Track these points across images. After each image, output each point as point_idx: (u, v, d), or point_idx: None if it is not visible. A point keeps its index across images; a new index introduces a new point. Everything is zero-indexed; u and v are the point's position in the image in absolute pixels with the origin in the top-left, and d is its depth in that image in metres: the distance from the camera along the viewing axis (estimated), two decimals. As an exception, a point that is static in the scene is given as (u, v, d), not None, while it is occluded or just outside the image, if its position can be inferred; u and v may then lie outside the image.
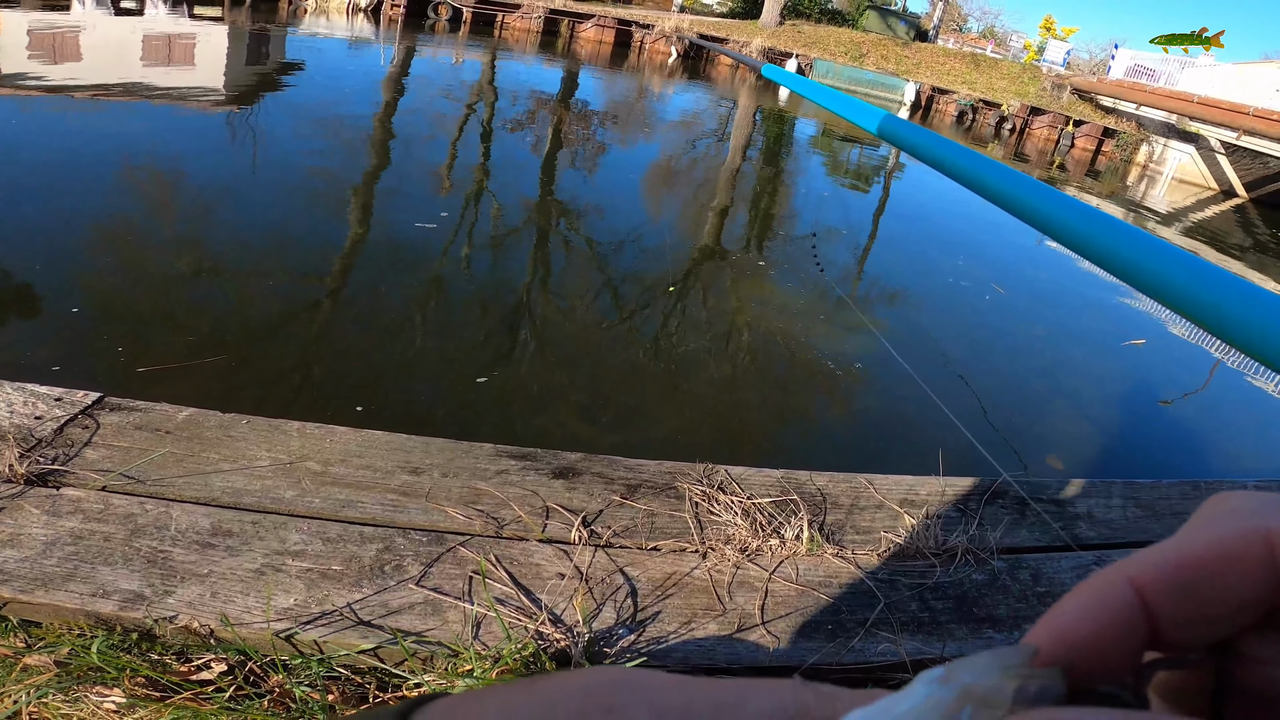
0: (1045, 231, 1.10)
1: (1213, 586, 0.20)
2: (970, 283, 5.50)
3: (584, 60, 16.97)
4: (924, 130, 1.57)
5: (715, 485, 1.58)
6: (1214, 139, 15.24)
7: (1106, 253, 0.94)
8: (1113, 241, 0.95)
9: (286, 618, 1.13)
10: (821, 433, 3.24)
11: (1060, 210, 1.06)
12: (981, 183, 1.25)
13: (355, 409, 2.65)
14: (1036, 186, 1.18)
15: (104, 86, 6.49)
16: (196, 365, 2.71)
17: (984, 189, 1.24)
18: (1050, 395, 3.94)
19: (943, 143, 1.49)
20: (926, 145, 1.53)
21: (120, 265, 3.46)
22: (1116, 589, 0.21)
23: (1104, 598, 0.21)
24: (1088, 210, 1.04)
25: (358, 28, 15.11)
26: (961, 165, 1.37)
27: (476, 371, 3.05)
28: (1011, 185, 1.20)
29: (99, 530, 1.24)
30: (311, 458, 1.48)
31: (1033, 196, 1.15)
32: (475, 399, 2.88)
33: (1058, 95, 19.85)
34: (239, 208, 4.36)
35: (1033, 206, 1.14)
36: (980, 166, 1.29)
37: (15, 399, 1.54)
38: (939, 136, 1.53)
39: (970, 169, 1.30)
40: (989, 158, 1.30)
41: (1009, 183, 1.20)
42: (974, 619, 1.38)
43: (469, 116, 8.44)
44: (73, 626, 1.13)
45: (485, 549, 1.32)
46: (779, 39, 21.20)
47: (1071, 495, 1.85)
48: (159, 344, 2.83)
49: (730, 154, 9.68)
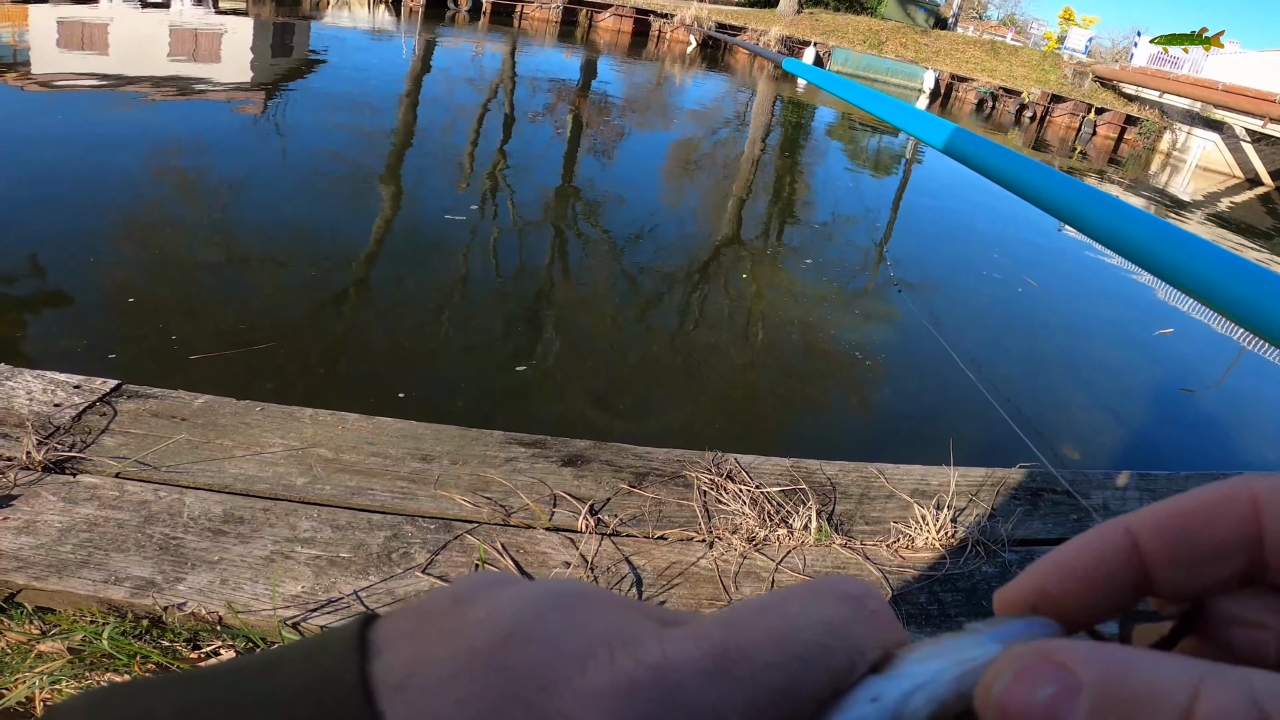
0: (1092, 236, 1.07)
1: (1199, 533, 0.21)
2: (1002, 275, 5.46)
3: (603, 50, 16.93)
4: (960, 129, 1.54)
5: (724, 474, 1.58)
6: (1239, 127, 14.99)
7: (1167, 263, 0.92)
8: (1174, 251, 0.93)
9: (294, 605, 1.14)
10: (850, 421, 3.23)
11: (1111, 215, 1.03)
12: (1020, 183, 1.22)
13: (397, 395, 2.70)
14: (1078, 187, 1.14)
15: (134, 80, 6.55)
16: (247, 352, 2.76)
17: (1022, 189, 1.21)
18: (1069, 386, 3.90)
19: (978, 141, 1.46)
20: (960, 145, 1.50)
21: (168, 256, 3.50)
22: (1113, 531, 0.22)
23: (1101, 537, 0.22)
24: (1144, 216, 1.02)
25: (379, 19, 15.14)
26: (1000, 166, 1.34)
27: (515, 360, 3.09)
28: (1052, 185, 1.17)
29: (113, 517, 1.25)
30: (323, 445, 1.49)
31: (1077, 197, 1.12)
32: (511, 385, 2.92)
33: (1079, 83, 19.58)
34: (274, 200, 4.39)
35: (1077, 208, 1.11)
36: (1019, 167, 1.26)
37: (35, 386, 1.56)
38: (974, 135, 1.50)
39: (1008, 169, 1.28)
40: (1025, 156, 1.27)
41: (1051, 183, 1.17)
42: (984, 612, 1.38)
43: (493, 106, 8.45)
44: (85, 613, 1.15)
45: (492, 537, 1.32)
46: (797, 27, 21.04)
47: (1085, 487, 1.84)
48: (210, 331, 2.88)
49: (749, 143, 9.64)
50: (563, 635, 0.19)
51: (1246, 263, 0.89)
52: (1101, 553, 0.22)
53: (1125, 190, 11.73)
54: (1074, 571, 0.22)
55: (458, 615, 0.20)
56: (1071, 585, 0.22)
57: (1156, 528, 0.22)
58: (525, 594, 0.20)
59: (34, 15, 8.91)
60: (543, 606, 0.20)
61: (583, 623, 0.19)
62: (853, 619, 0.21)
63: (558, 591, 0.21)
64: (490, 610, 0.20)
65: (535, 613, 0.19)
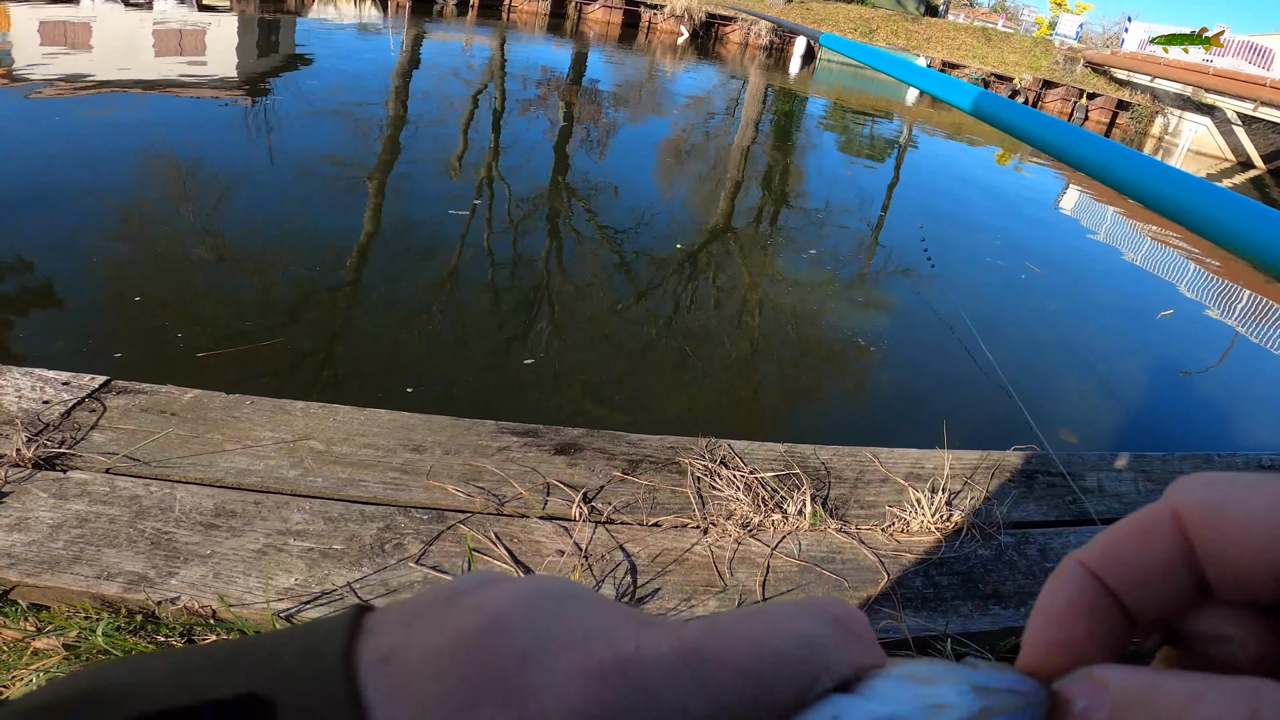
0: (1129, 194, 1.06)
1: (1138, 557, 0.23)
2: (1006, 262, 5.46)
3: (593, 41, 16.86)
4: (985, 92, 1.55)
5: (718, 460, 1.58)
6: (1230, 110, 15.00)
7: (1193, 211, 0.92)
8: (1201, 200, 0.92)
9: (287, 597, 1.13)
10: (846, 406, 3.23)
11: (1145, 172, 1.03)
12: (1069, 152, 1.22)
13: (406, 390, 2.70)
14: (1120, 150, 1.14)
15: (119, 80, 6.51)
16: (255, 349, 2.75)
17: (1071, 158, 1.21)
18: (1067, 370, 3.91)
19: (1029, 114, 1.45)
20: (988, 108, 1.50)
21: (164, 255, 3.49)
22: (1072, 573, 0.23)
23: (1066, 585, 0.23)
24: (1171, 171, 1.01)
25: (365, 14, 15.05)
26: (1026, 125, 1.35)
27: (523, 354, 3.10)
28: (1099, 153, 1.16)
29: (104, 513, 1.25)
30: (315, 437, 1.49)
31: (1117, 161, 1.11)
32: (520, 378, 2.93)
33: (1070, 69, 19.58)
34: (266, 197, 4.38)
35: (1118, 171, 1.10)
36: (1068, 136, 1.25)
37: (24, 384, 1.55)
38: (1025, 108, 1.50)
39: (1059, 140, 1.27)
40: (1075, 127, 1.27)
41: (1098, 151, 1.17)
42: (979, 595, 1.38)
43: (483, 100, 8.41)
44: (79, 609, 1.15)
45: (485, 526, 1.32)
46: (787, 16, 20.97)
47: (1080, 468, 1.84)
48: (215, 329, 2.87)
49: (740, 130, 9.62)
50: (545, 626, 0.20)
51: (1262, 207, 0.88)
52: (1070, 595, 0.23)
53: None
54: (1057, 619, 0.23)
55: (450, 606, 0.21)
56: (1059, 634, 0.23)
57: (1104, 559, 0.23)
58: (516, 589, 0.21)
59: (15, 16, 8.84)
60: (531, 601, 0.21)
61: (566, 617, 0.20)
62: (831, 636, 0.21)
63: (548, 589, 0.21)
64: (480, 601, 0.21)
65: (523, 605, 0.20)
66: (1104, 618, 0.23)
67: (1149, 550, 0.23)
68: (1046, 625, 0.23)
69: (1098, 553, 0.23)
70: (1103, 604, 0.23)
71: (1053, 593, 0.23)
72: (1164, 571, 0.23)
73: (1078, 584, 0.23)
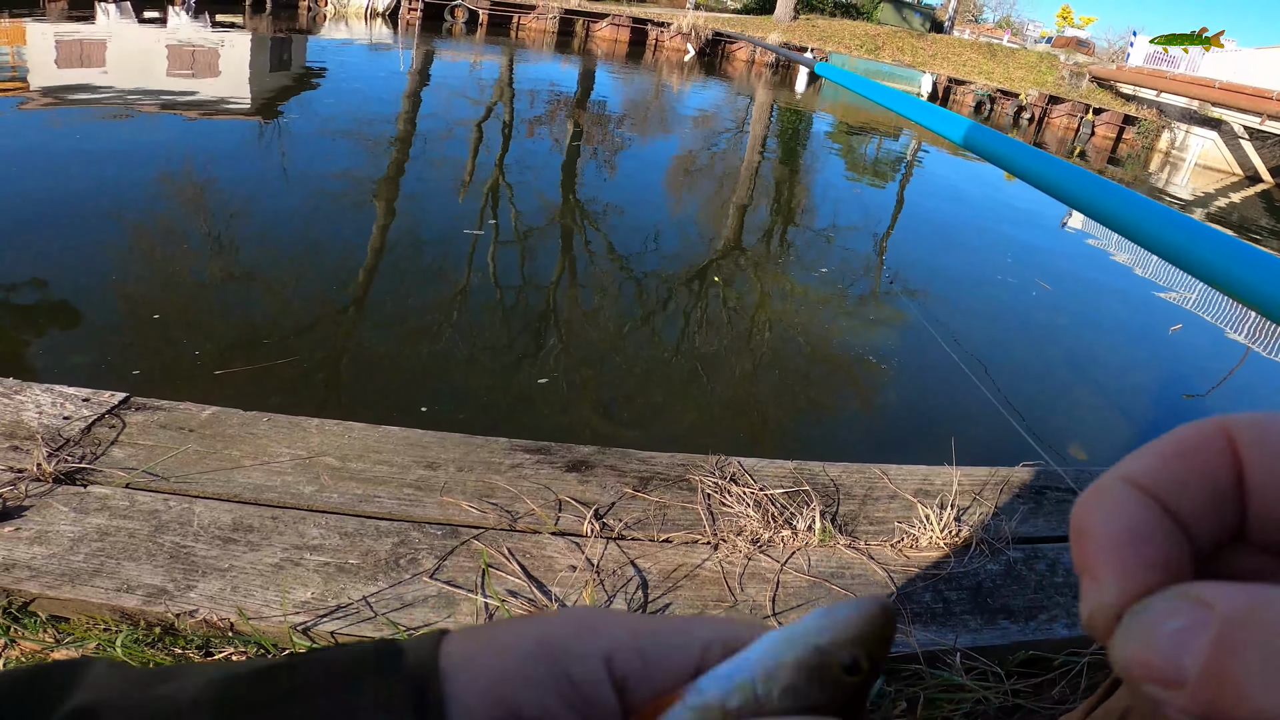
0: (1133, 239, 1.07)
1: (1193, 482, 0.20)
2: (1016, 279, 5.47)
3: (601, 59, 16.99)
4: (1006, 138, 1.54)
5: (728, 477, 1.59)
6: (1237, 124, 15.01)
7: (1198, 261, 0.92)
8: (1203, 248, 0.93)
9: (304, 611, 1.15)
10: (856, 424, 3.23)
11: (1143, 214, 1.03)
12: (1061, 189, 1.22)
13: (420, 409, 2.72)
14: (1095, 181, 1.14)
15: (135, 98, 6.59)
16: (271, 367, 2.78)
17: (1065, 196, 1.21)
18: (1077, 387, 3.91)
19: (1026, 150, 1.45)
20: (1008, 154, 1.50)
21: (180, 273, 3.53)
22: (1124, 494, 0.21)
23: (1121, 506, 0.21)
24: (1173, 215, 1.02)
25: (376, 32, 15.21)
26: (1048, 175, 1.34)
27: (535, 372, 3.12)
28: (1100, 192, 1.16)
29: (124, 527, 1.27)
30: (330, 453, 1.51)
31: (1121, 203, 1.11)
32: (533, 396, 2.95)
33: (1076, 84, 19.63)
34: (279, 215, 4.43)
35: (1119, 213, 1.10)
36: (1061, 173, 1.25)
37: (44, 400, 1.58)
38: (1021, 144, 1.50)
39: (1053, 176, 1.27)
40: (1070, 164, 1.27)
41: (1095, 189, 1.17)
42: (989, 610, 1.38)
43: (493, 118, 8.49)
44: (99, 621, 1.16)
45: (499, 542, 1.33)
46: (794, 34, 21.11)
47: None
48: (232, 346, 2.91)
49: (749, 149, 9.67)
50: (584, 617, 0.28)
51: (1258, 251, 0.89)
52: (1130, 518, 0.21)
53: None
54: (1124, 541, 0.20)
55: (516, 620, 0.29)
56: (1129, 560, 0.20)
57: (1158, 479, 0.21)
58: (564, 610, 0.31)
59: (32, 33, 8.96)
60: (574, 611, 0.29)
61: (598, 614, 0.28)
62: (741, 624, 0.28)
63: (588, 608, 0.30)
64: (539, 614, 0.31)
65: (568, 611, 0.29)
66: (1171, 541, 0.20)
67: (1203, 471, 0.20)
68: (1113, 548, 0.20)
69: (1147, 471, 0.21)
70: (1165, 526, 0.20)
71: (1107, 516, 0.21)
72: (1216, 497, 0.20)
73: (1136, 504, 0.20)
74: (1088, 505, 0.21)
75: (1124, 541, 0.20)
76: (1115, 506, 0.21)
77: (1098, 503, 0.21)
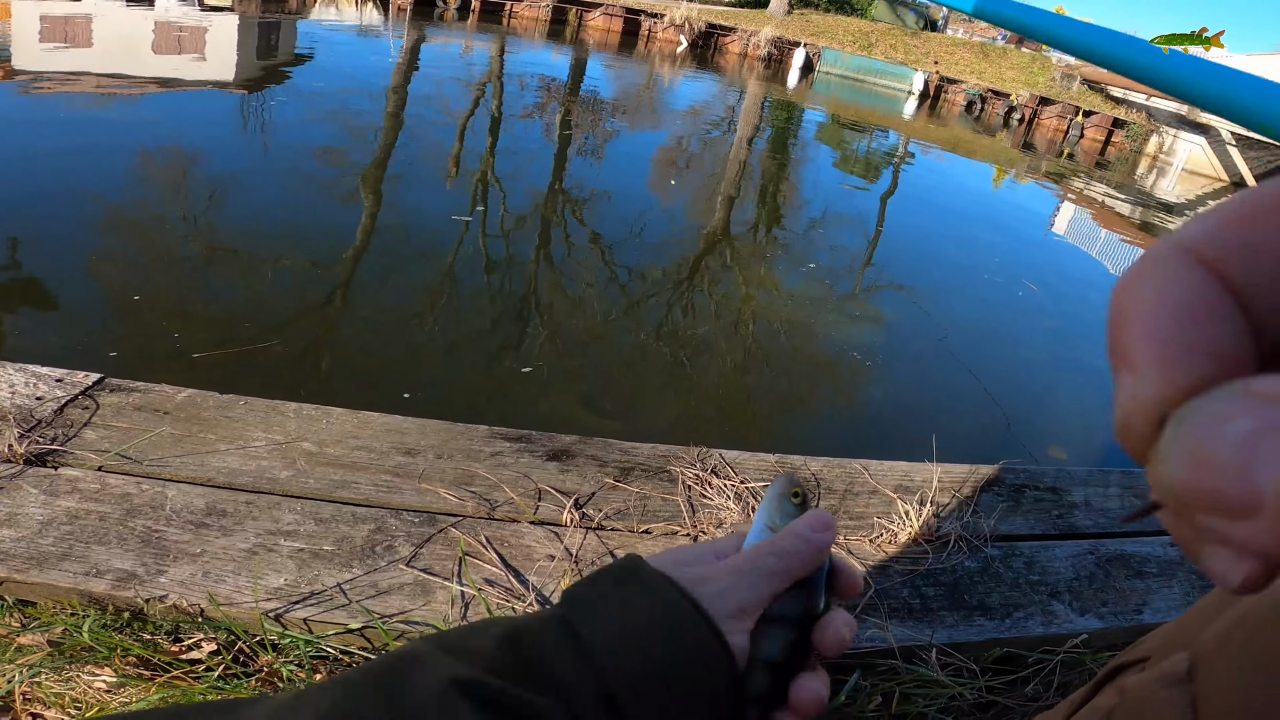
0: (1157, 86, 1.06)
1: (1259, 247, 0.16)
2: (1003, 279, 5.49)
3: (593, 49, 16.91)
4: None
5: (709, 469, 1.59)
6: (1225, 130, 15.11)
7: None
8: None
9: (276, 597, 1.14)
10: (838, 420, 3.24)
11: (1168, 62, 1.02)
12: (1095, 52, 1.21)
13: (403, 396, 2.70)
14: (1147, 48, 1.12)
15: (119, 78, 6.50)
16: (251, 351, 2.75)
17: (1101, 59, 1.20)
18: (1060, 385, 3.93)
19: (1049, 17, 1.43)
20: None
21: (160, 255, 3.49)
22: (1180, 264, 0.17)
23: (1177, 279, 0.17)
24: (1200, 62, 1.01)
25: (367, 16, 15.07)
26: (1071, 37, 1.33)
27: (518, 361, 3.10)
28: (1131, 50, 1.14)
29: (95, 510, 1.25)
30: (307, 438, 1.49)
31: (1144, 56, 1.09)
32: (522, 386, 2.93)
33: (1067, 85, 19.70)
34: (264, 200, 4.38)
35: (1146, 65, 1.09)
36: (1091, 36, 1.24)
37: (17, 380, 1.55)
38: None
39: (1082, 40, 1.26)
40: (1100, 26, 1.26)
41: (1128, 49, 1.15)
42: (965, 606, 1.39)
43: (482, 105, 8.43)
44: (66, 606, 1.15)
45: (477, 530, 1.32)
46: (787, 28, 21.07)
47: (1068, 483, 1.85)
48: (212, 329, 2.87)
49: (737, 140, 9.65)
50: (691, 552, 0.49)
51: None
52: (1186, 294, 0.16)
53: (1111, 192, 11.81)
54: (1175, 324, 0.16)
55: None
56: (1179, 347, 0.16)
57: (1224, 246, 0.16)
58: None
59: (16, 10, 8.82)
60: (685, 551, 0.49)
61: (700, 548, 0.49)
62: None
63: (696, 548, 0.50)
64: None
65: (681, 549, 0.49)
66: (1234, 325, 0.16)
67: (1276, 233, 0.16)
68: (1160, 329, 0.16)
69: (1209, 237, 0.17)
70: (1227, 306, 0.16)
71: (1156, 289, 0.17)
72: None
73: (1193, 277, 0.16)
74: (1133, 278, 0.17)
75: (1174, 321, 0.16)
76: (1167, 279, 0.17)
77: (1145, 274, 0.17)
